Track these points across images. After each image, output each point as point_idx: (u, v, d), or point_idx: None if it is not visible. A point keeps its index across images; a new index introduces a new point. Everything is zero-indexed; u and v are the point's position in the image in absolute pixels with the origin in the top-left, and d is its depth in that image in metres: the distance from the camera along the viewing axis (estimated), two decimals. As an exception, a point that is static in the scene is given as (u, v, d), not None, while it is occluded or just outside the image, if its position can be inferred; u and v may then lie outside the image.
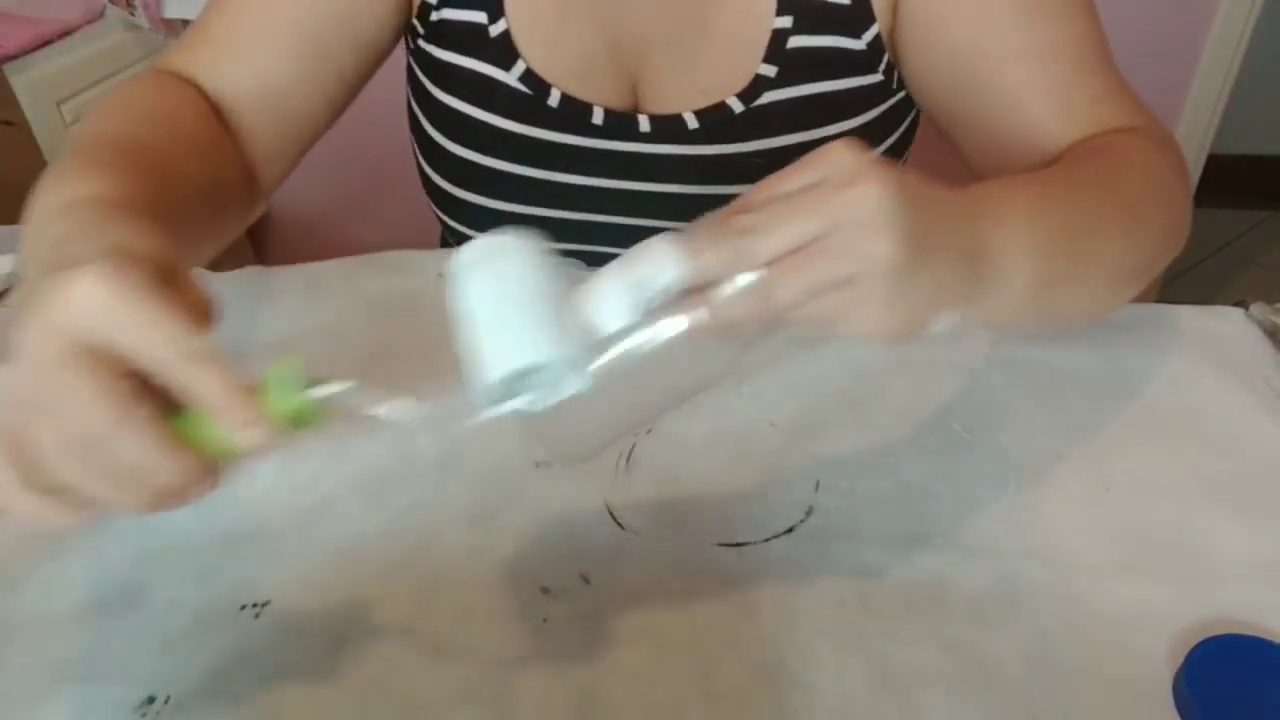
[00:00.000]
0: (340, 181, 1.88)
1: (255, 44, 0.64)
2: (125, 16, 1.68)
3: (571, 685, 0.45)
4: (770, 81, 0.65)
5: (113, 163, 0.50)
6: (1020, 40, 0.59)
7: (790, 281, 0.36)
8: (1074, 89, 0.59)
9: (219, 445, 0.36)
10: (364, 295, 0.73)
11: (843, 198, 0.36)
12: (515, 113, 0.68)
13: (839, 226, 0.36)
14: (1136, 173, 0.55)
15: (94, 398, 0.33)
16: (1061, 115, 0.59)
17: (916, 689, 0.45)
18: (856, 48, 0.64)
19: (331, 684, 0.46)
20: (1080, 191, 0.51)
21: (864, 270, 0.36)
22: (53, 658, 0.47)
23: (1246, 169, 2.48)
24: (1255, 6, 1.68)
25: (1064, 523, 0.53)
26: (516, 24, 0.66)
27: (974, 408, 0.60)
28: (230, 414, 0.34)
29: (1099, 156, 0.55)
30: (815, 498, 0.54)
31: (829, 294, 0.37)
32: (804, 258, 0.36)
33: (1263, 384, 0.61)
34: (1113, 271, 0.53)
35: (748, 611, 0.48)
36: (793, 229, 0.36)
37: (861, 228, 0.36)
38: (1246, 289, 2.21)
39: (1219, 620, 0.47)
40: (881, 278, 0.36)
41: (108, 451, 0.34)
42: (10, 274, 0.77)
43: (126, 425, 0.33)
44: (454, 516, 0.54)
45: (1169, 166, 0.57)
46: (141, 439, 0.34)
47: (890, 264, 0.36)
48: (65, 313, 0.34)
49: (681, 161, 0.67)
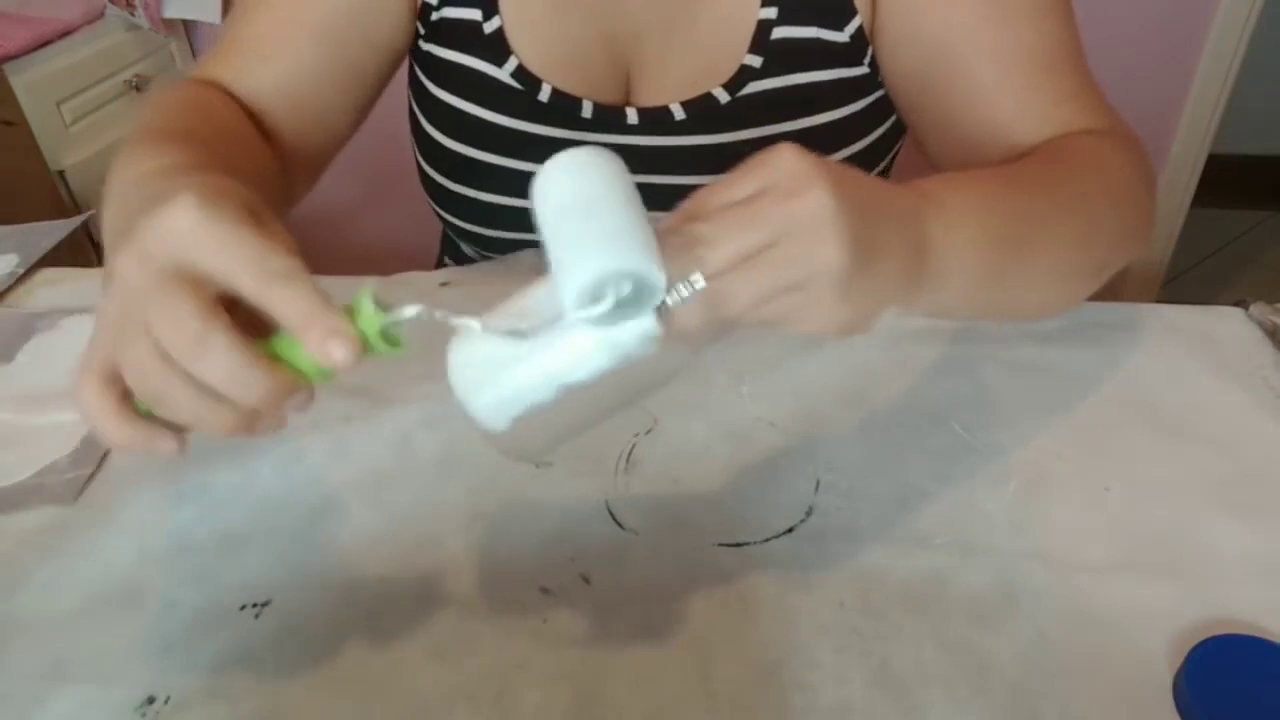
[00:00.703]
0: (341, 184, 1.88)
1: (281, 49, 0.67)
2: (125, 16, 1.68)
3: (571, 685, 0.45)
4: (755, 72, 0.65)
5: (184, 141, 0.53)
6: (989, 38, 0.60)
7: (741, 290, 0.37)
8: (1039, 90, 0.60)
9: (307, 367, 0.37)
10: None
11: (789, 207, 0.37)
12: (507, 107, 0.69)
13: (787, 235, 0.37)
14: (1093, 172, 0.55)
15: (183, 315, 0.34)
16: (1025, 115, 0.60)
17: (916, 689, 0.45)
18: (839, 39, 0.64)
19: (331, 684, 0.46)
20: (1030, 188, 0.51)
21: (812, 275, 0.37)
22: (53, 658, 0.47)
23: (1246, 169, 2.48)
24: (1255, 6, 1.68)
25: (1064, 523, 0.53)
26: (510, 21, 0.67)
27: (974, 408, 0.60)
28: (314, 331, 0.35)
29: (1056, 156, 0.56)
30: (815, 498, 0.54)
31: (779, 298, 0.38)
32: (753, 266, 0.37)
33: (1263, 384, 0.62)
34: (1062, 268, 0.54)
35: (748, 611, 0.48)
36: (742, 239, 0.37)
37: (809, 235, 0.37)
38: (1246, 289, 2.21)
39: (1219, 620, 0.47)
40: (829, 281, 0.37)
41: (197, 369, 0.35)
42: (10, 274, 0.77)
43: (214, 341, 0.34)
44: (454, 516, 0.54)
45: (1130, 167, 0.58)
46: (229, 354, 0.35)
47: (838, 268, 0.37)
48: (157, 239, 0.35)
49: (669, 152, 0.68)
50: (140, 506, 0.55)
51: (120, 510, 0.55)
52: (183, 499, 0.55)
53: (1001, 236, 0.48)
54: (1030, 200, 0.51)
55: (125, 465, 0.59)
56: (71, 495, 0.56)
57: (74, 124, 1.58)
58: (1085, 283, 0.57)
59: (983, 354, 0.65)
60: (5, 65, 1.46)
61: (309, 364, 0.37)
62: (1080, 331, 0.66)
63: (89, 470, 0.58)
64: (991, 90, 0.60)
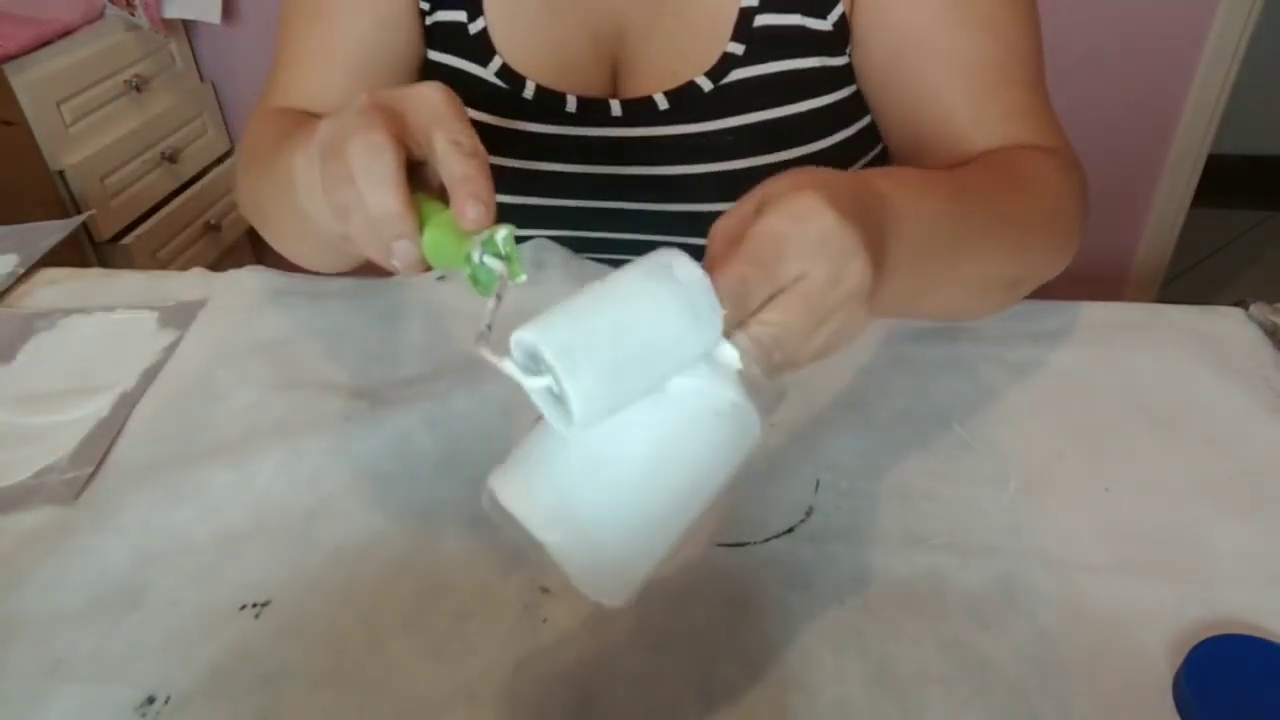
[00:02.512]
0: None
1: (320, 65, 0.70)
2: (125, 16, 1.68)
3: (571, 685, 0.45)
4: (738, 59, 0.66)
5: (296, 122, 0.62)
6: (946, 43, 0.61)
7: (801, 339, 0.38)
8: (989, 101, 0.61)
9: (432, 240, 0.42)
10: (365, 297, 0.73)
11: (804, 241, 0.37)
12: (492, 106, 0.69)
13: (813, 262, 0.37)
14: (1034, 189, 0.57)
15: (374, 132, 0.41)
16: (976, 125, 0.60)
17: (916, 689, 0.45)
18: (822, 27, 0.65)
19: (331, 684, 0.46)
20: (973, 199, 0.52)
21: (846, 306, 0.38)
22: (53, 658, 0.48)
23: (1246, 169, 2.48)
24: (1255, 6, 1.67)
25: (1064, 523, 0.53)
26: (494, 22, 0.68)
27: (974, 408, 0.60)
28: (466, 187, 0.40)
29: (1002, 168, 0.57)
30: (815, 498, 0.54)
31: (818, 335, 0.39)
32: (795, 298, 0.37)
33: (1263, 384, 0.62)
34: (984, 279, 0.55)
35: (748, 611, 0.48)
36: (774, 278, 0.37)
37: (836, 259, 0.37)
38: (1246, 289, 2.21)
39: (1219, 620, 0.47)
40: (857, 306, 0.39)
41: (364, 183, 0.41)
42: (10, 274, 0.77)
43: (387, 159, 0.41)
44: (454, 516, 0.54)
45: (1066, 189, 0.59)
46: (385, 174, 0.41)
47: (862, 289, 0.38)
48: (391, 94, 0.44)
49: (653, 142, 0.69)
50: (140, 506, 0.55)
51: (120, 510, 0.55)
52: (182, 499, 0.55)
53: (938, 245, 0.48)
54: (970, 211, 0.51)
55: (125, 465, 0.59)
56: (71, 495, 0.56)
57: (74, 124, 1.58)
58: (1003, 295, 0.59)
59: (983, 354, 0.65)
60: (5, 65, 1.45)
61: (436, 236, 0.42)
62: (1080, 331, 0.66)
63: (89, 470, 0.58)
64: (945, 96, 0.61)
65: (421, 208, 0.42)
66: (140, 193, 1.70)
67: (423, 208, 0.42)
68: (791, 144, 0.67)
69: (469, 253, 0.39)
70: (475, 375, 0.62)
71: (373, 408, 0.61)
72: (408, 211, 0.41)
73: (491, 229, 0.40)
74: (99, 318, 0.72)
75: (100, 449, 0.60)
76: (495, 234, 0.40)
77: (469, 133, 0.42)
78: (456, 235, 0.40)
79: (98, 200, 1.60)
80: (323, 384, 0.64)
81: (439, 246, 0.41)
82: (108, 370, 0.67)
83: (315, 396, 0.62)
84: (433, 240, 0.42)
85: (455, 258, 0.40)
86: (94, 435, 0.61)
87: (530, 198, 0.73)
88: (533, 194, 0.72)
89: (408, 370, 0.65)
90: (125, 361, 0.67)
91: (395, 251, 0.42)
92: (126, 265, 1.64)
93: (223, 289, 0.75)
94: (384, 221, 0.41)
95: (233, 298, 0.74)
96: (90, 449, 0.60)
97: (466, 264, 0.40)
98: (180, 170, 1.80)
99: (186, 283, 0.76)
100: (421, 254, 0.42)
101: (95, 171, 1.60)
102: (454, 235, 0.41)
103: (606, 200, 0.72)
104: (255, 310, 0.72)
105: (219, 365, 0.66)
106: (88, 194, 1.58)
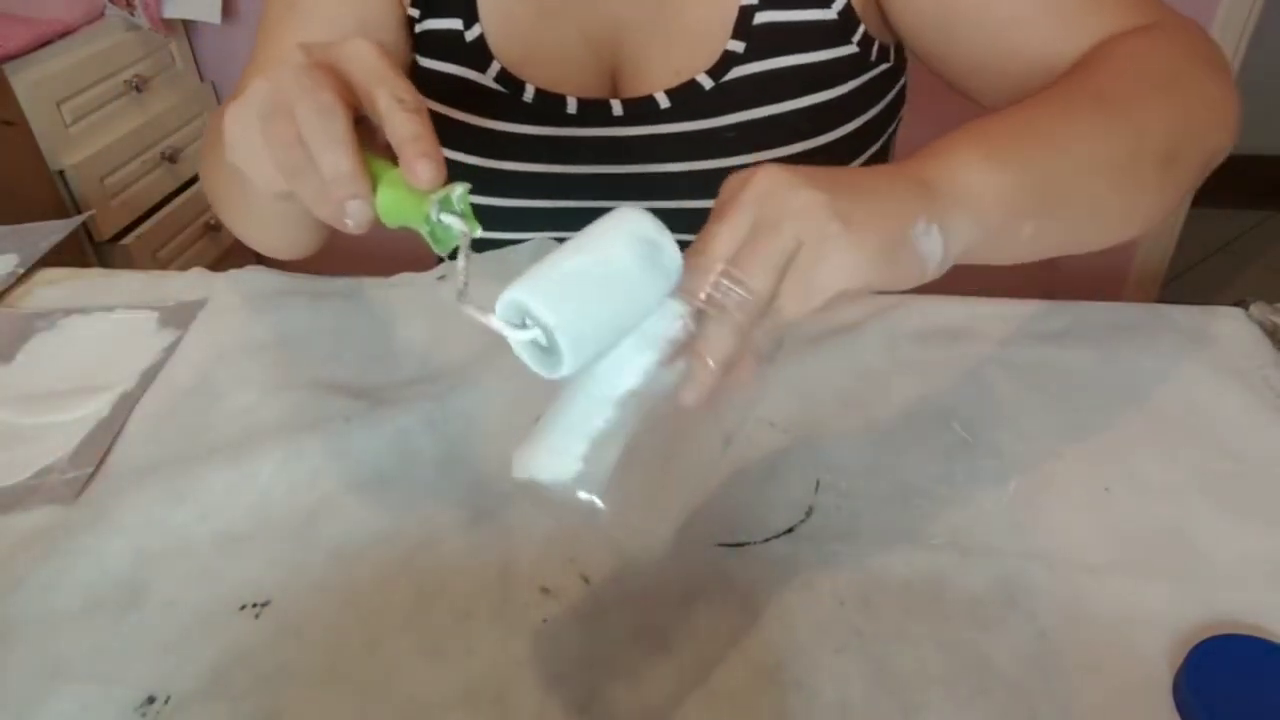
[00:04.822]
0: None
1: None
2: (125, 16, 1.68)
3: (571, 685, 0.45)
4: (739, 57, 0.66)
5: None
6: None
7: (753, 268, 0.38)
8: (1066, 1, 0.58)
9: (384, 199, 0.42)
10: (365, 297, 0.73)
11: (748, 192, 0.40)
12: (491, 111, 0.69)
13: (763, 213, 0.39)
14: (1128, 68, 0.53)
15: (322, 92, 0.41)
16: (1059, 32, 0.57)
17: (916, 689, 0.45)
18: (827, 18, 0.64)
19: (331, 684, 0.46)
20: (1043, 96, 0.50)
21: (802, 225, 0.39)
22: (53, 658, 0.48)
23: (1246, 169, 2.48)
24: (1255, 6, 1.67)
25: (1064, 523, 0.53)
26: (490, 28, 0.68)
27: (974, 408, 0.60)
28: (415, 146, 0.40)
29: (1085, 65, 0.54)
30: (815, 498, 0.54)
31: (795, 265, 0.39)
32: (749, 247, 0.39)
33: (1263, 384, 0.61)
34: (1111, 161, 0.49)
35: (748, 611, 0.48)
36: (728, 232, 0.40)
37: (774, 198, 0.39)
38: (1246, 289, 2.21)
39: (1219, 620, 0.47)
40: (819, 221, 0.39)
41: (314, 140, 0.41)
42: (10, 274, 0.77)
43: (337, 116, 0.41)
44: (454, 516, 0.54)
45: (1178, 54, 0.55)
46: (337, 135, 0.41)
47: (816, 205, 0.39)
48: (328, 48, 0.44)
49: (655, 140, 0.69)
50: (140, 506, 0.55)
51: (120, 510, 0.55)
52: (182, 499, 0.55)
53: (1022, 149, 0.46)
54: (1049, 100, 0.49)
55: (125, 465, 0.59)
56: (71, 495, 0.56)
57: (74, 124, 1.58)
58: (1150, 177, 0.51)
59: (983, 354, 0.65)
60: (5, 65, 1.46)
61: (390, 195, 0.42)
62: (1080, 331, 0.66)
63: (89, 470, 0.58)
64: (1015, 15, 0.58)
65: (370, 165, 0.42)
66: (140, 193, 1.70)
67: (371, 165, 0.42)
68: (794, 139, 0.67)
69: (428, 212, 0.40)
70: (475, 375, 0.62)
71: (373, 408, 0.61)
72: (361, 171, 0.41)
73: (447, 188, 0.41)
74: (99, 318, 0.72)
75: (100, 449, 0.60)
76: (451, 192, 0.40)
77: (409, 88, 0.42)
78: (410, 194, 0.41)
79: (98, 200, 1.60)
80: (323, 384, 0.64)
81: (393, 205, 0.42)
82: (108, 370, 0.67)
83: (315, 396, 0.62)
84: (387, 199, 0.42)
85: (410, 215, 0.41)
86: (94, 435, 0.61)
87: (534, 200, 0.72)
88: (536, 196, 0.72)
89: (408, 370, 0.65)
90: (125, 361, 0.67)
91: (349, 211, 0.42)
92: (126, 265, 1.64)
93: (223, 289, 0.75)
94: (338, 182, 0.41)
95: (233, 298, 0.74)
96: (90, 449, 0.60)
97: (425, 223, 0.41)
98: (180, 170, 1.80)
99: (186, 283, 0.76)
100: (374, 213, 0.42)
101: (95, 171, 1.60)
102: (407, 194, 0.41)
103: (610, 199, 0.72)
104: (255, 310, 0.72)
105: (219, 365, 0.66)
106: (88, 194, 1.58)
